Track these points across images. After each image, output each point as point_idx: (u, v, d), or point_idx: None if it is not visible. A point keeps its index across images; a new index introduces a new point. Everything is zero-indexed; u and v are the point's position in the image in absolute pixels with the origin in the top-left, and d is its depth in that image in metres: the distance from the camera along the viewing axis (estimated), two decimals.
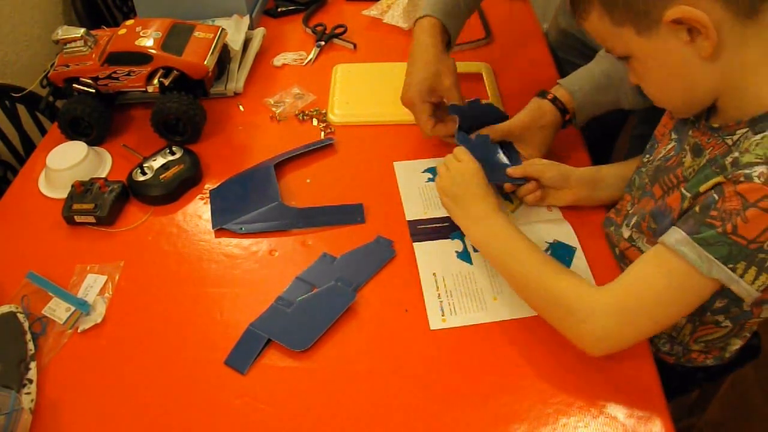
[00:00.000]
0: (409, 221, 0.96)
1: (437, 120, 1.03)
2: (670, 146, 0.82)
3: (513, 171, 0.95)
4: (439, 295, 0.86)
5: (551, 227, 0.93)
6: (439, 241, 0.93)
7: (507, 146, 1.01)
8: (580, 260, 0.89)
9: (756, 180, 0.61)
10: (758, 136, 0.64)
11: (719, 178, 0.65)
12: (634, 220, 0.83)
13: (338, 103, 1.19)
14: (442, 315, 0.84)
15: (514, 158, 0.99)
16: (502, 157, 0.99)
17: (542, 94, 1.01)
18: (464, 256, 0.91)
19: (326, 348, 0.82)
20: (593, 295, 0.73)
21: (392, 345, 0.82)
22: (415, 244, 0.93)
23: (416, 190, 1.01)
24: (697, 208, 0.67)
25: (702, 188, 0.67)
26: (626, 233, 0.84)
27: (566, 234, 0.92)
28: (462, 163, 0.89)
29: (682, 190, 0.71)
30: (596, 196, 0.96)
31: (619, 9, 0.66)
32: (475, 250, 0.90)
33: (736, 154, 0.65)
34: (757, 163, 0.62)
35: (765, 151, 0.62)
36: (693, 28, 0.63)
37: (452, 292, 0.86)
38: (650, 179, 0.83)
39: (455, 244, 0.92)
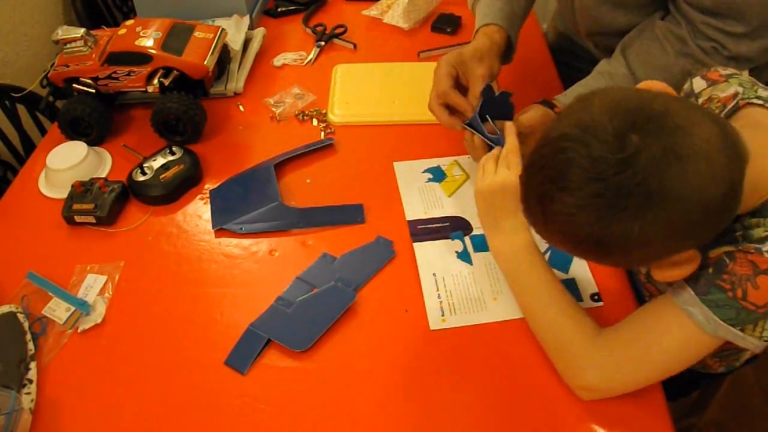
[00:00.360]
0: (409, 221, 0.96)
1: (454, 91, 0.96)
2: None
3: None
4: (439, 295, 0.86)
5: None
6: (440, 241, 0.93)
7: None
8: (580, 262, 0.89)
9: (766, 255, 0.61)
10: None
11: (730, 248, 0.65)
12: None
13: (338, 103, 1.19)
14: (442, 315, 0.84)
15: None
16: None
17: (547, 105, 0.98)
18: (464, 256, 0.91)
19: (326, 348, 0.82)
20: (593, 345, 0.73)
21: (392, 345, 0.82)
22: (415, 244, 0.93)
23: (416, 191, 1.01)
24: (710, 270, 0.66)
25: (711, 253, 0.66)
26: (643, 269, 0.84)
27: None
28: (510, 171, 0.82)
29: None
30: None
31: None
32: (476, 251, 0.91)
33: (742, 231, 0.65)
34: (767, 239, 0.62)
35: None
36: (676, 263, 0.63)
37: (452, 292, 0.86)
38: None
39: (455, 245, 0.92)
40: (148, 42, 1.09)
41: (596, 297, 0.85)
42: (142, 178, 1.03)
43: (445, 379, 0.78)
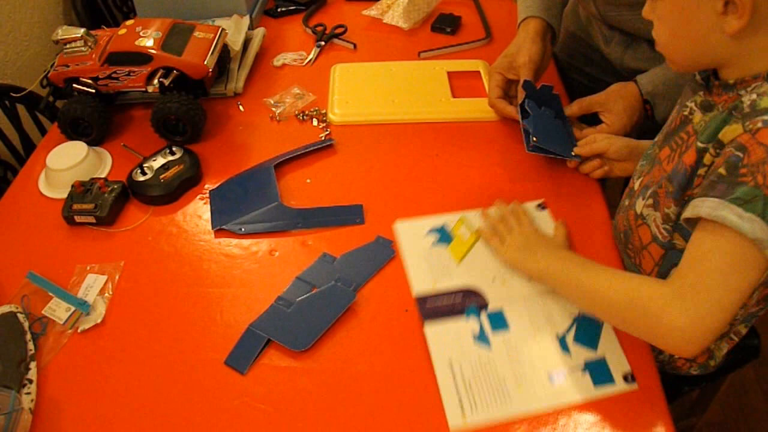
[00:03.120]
0: (417, 298, 0.86)
1: (505, 95, 1.12)
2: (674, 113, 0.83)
3: (581, 150, 0.99)
4: (457, 388, 0.76)
5: None
6: (453, 320, 0.83)
7: (565, 124, 1.05)
8: (608, 335, 0.80)
9: None
10: None
11: (738, 127, 0.64)
12: (650, 191, 0.80)
13: (338, 103, 1.19)
14: (462, 411, 0.74)
15: (572, 135, 1.03)
16: (564, 133, 1.03)
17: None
18: (482, 338, 0.81)
19: (326, 348, 0.82)
20: (660, 289, 0.68)
21: (392, 345, 0.82)
22: (427, 326, 0.82)
23: (422, 257, 0.91)
24: (723, 170, 0.64)
25: (722, 135, 0.66)
26: (639, 208, 0.82)
27: None
28: (522, 224, 0.89)
29: (697, 143, 0.70)
30: None
31: None
32: (494, 329, 0.82)
33: (754, 96, 0.65)
34: None
35: None
36: (731, 2, 0.63)
37: (471, 384, 0.77)
38: (658, 146, 0.83)
39: (471, 324, 0.82)
40: (148, 42, 1.09)
41: (630, 378, 0.76)
42: (142, 178, 1.03)
43: None
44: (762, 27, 0.64)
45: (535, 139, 0.98)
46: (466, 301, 0.85)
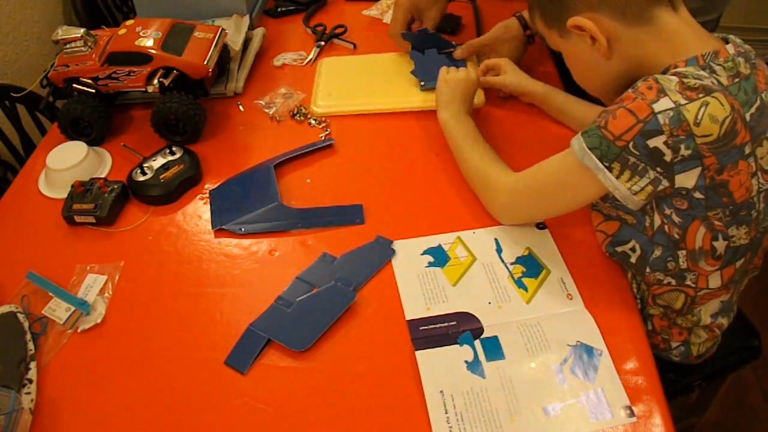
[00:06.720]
0: (408, 321, 0.83)
1: (407, 29, 1.25)
2: None
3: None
4: (447, 419, 0.73)
5: (572, 323, 0.81)
6: (446, 348, 0.80)
7: (449, 57, 1.22)
8: (606, 366, 0.77)
9: (630, 91, 0.72)
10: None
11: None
12: None
13: (321, 95, 1.20)
14: None
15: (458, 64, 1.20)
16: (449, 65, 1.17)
17: (522, 20, 1.18)
18: (475, 367, 0.77)
19: (326, 348, 0.82)
20: (504, 177, 0.91)
21: (392, 345, 0.82)
22: (418, 353, 0.79)
23: (416, 279, 0.88)
24: None
25: None
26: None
27: (589, 332, 0.80)
28: (472, 72, 1.08)
29: None
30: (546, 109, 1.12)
31: (546, 16, 0.84)
32: (489, 359, 0.78)
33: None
34: (640, 84, 0.72)
35: (652, 78, 0.72)
36: (589, 35, 0.78)
37: (463, 415, 0.74)
38: None
39: (464, 352, 0.79)
40: (148, 42, 1.09)
41: (629, 411, 0.73)
42: (142, 178, 1.03)
43: None
44: (624, 39, 0.77)
45: (422, 83, 1.17)
46: (460, 327, 0.82)
